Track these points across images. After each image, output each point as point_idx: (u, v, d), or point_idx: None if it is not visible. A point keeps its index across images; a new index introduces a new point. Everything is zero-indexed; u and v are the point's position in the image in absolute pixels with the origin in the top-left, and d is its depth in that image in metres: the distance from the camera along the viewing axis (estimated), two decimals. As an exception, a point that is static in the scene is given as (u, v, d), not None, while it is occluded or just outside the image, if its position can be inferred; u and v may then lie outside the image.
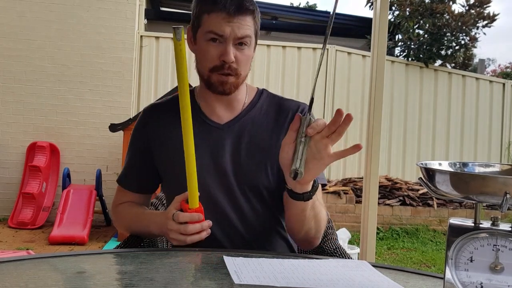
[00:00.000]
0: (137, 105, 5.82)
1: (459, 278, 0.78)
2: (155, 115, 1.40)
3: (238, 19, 1.25)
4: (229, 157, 1.32)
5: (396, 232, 5.58)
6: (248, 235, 1.32)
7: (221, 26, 1.24)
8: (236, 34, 1.25)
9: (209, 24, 1.26)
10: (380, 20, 2.69)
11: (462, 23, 6.64)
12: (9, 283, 0.86)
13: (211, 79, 1.29)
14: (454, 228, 0.80)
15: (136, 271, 0.96)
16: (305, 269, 1.00)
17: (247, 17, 1.26)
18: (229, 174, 1.31)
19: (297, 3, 17.83)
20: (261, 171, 1.32)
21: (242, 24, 1.25)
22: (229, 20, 1.24)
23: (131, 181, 1.44)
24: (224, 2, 1.24)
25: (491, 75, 11.56)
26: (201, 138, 1.32)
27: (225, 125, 1.35)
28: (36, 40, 5.58)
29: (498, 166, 0.89)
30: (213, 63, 1.27)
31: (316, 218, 1.24)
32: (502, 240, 0.77)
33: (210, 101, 1.36)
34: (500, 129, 6.84)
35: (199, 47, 1.31)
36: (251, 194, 1.32)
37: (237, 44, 1.26)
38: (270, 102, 1.40)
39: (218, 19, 1.24)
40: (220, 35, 1.25)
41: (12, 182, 5.56)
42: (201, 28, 1.29)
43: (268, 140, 1.34)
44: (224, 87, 1.29)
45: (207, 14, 1.26)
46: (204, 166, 1.31)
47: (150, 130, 1.39)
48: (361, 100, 6.30)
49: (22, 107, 5.58)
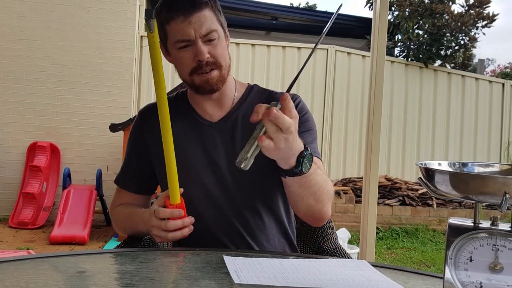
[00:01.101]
0: (137, 105, 5.82)
1: (459, 278, 0.78)
2: (151, 116, 1.40)
3: (196, 17, 1.24)
4: (224, 155, 1.32)
5: (395, 232, 5.58)
6: (245, 231, 1.31)
7: (183, 31, 1.24)
8: (200, 32, 1.24)
9: (173, 33, 1.26)
10: (380, 20, 2.69)
11: (461, 23, 6.64)
12: (9, 283, 0.86)
13: (194, 82, 1.30)
14: (454, 228, 0.80)
15: (136, 271, 0.96)
16: (305, 269, 1.00)
17: (204, 11, 1.25)
18: (224, 172, 1.31)
19: (297, 3, 17.84)
20: (254, 168, 1.30)
21: (202, 20, 1.24)
22: (189, 22, 1.23)
23: (129, 181, 1.44)
24: (177, 6, 1.24)
25: (490, 75, 11.56)
26: (195, 138, 1.33)
27: (217, 123, 1.35)
28: (36, 40, 5.58)
29: (498, 166, 0.90)
30: (190, 66, 1.27)
31: (316, 195, 1.17)
32: (502, 240, 0.77)
33: (200, 102, 1.37)
34: (500, 129, 6.84)
35: (173, 58, 1.31)
36: (247, 190, 1.31)
37: (206, 40, 1.26)
38: (260, 96, 1.39)
39: (178, 25, 1.24)
40: (187, 40, 1.24)
41: (12, 182, 5.56)
42: (168, 40, 1.29)
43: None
44: (211, 84, 1.29)
45: (168, 24, 1.26)
46: (199, 164, 1.31)
47: (146, 130, 1.40)
48: (361, 100, 6.30)
49: (22, 107, 5.58)
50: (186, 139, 1.35)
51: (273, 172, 1.29)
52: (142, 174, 1.42)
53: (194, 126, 1.35)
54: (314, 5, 18.30)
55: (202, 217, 1.29)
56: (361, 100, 6.30)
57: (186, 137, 1.35)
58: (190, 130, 1.35)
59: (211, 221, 1.31)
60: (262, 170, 1.29)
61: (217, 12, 1.29)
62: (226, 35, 1.33)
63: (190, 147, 1.33)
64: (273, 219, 1.36)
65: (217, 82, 1.29)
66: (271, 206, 1.34)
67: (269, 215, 1.35)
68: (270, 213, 1.35)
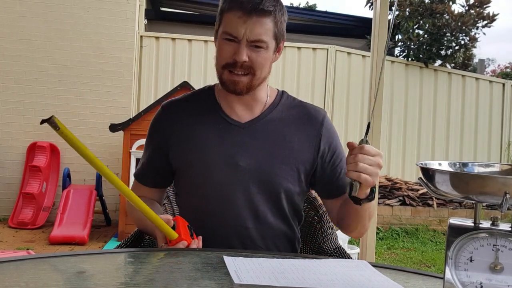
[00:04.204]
0: (137, 105, 5.82)
1: (459, 278, 0.78)
2: (173, 111, 1.39)
3: (253, 21, 1.22)
4: (248, 157, 1.31)
5: (396, 232, 5.58)
6: (258, 235, 1.31)
7: (235, 27, 1.23)
8: (248, 37, 1.23)
9: (226, 23, 1.26)
10: (380, 20, 2.69)
11: (462, 23, 6.63)
12: (9, 283, 0.86)
13: (223, 76, 1.29)
14: (454, 228, 0.80)
15: (136, 271, 0.96)
16: (305, 269, 1.00)
17: (265, 19, 1.23)
18: (248, 174, 1.30)
19: (297, 3, 17.84)
20: (281, 172, 1.32)
21: (257, 26, 1.23)
22: (244, 21, 1.22)
23: (148, 177, 1.43)
24: (242, 1, 1.22)
25: (491, 75, 11.56)
26: (220, 136, 1.32)
27: (246, 124, 1.34)
28: (36, 40, 5.58)
29: (498, 166, 0.89)
30: (226, 60, 1.27)
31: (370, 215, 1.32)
32: (502, 240, 0.77)
33: (229, 100, 1.36)
34: (500, 129, 6.84)
35: (217, 45, 1.31)
36: (268, 195, 1.31)
37: (253, 46, 1.25)
38: (290, 104, 1.40)
39: (234, 18, 1.23)
40: (234, 36, 1.24)
41: (12, 182, 5.56)
42: (221, 27, 1.29)
43: (289, 142, 1.34)
44: (236, 87, 1.28)
45: (226, 12, 1.26)
46: (220, 164, 1.30)
47: (168, 125, 1.38)
48: (361, 100, 6.30)
49: (22, 107, 5.58)
50: (208, 136, 1.33)
51: (294, 180, 1.33)
52: (162, 170, 1.40)
53: (219, 124, 1.33)
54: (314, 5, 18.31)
55: (218, 218, 1.30)
56: (361, 100, 6.30)
57: (208, 134, 1.33)
58: (213, 127, 1.33)
59: (225, 222, 1.31)
60: (285, 177, 1.31)
61: (278, 25, 1.27)
62: (277, 49, 1.32)
63: (212, 145, 1.32)
64: (285, 224, 1.37)
65: (243, 88, 1.29)
66: (286, 211, 1.35)
67: (282, 219, 1.35)
68: (284, 218, 1.36)
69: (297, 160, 1.33)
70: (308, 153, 1.35)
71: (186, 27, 6.73)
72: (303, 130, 1.36)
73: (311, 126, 1.37)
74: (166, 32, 6.12)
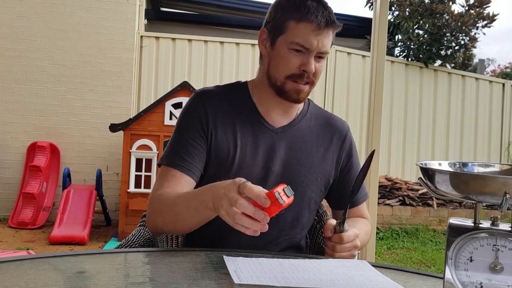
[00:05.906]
0: (137, 105, 5.82)
1: (459, 278, 0.78)
2: (210, 100, 1.33)
3: (325, 34, 1.25)
4: (280, 162, 1.31)
5: (396, 232, 5.58)
6: (272, 239, 1.32)
7: (309, 39, 1.23)
8: (320, 48, 1.25)
9: (297, 34, 1.24)
10: (380, 20, 2.69)
11: (461, 23, 6.64)
12: (9, 283, 0.86)
13: (285, 86, 1.28)
14: (454, 228, 0.80)
15: (136, 271, 0.96)
16: (305, 269, 1.00)
17: (331, 32, 1.27)
18: (277, 180, 1.29)
19: (297, 3, 17.79)
20: (306, 181, 1.34)
21: (327, 39, 1.26)
22: (318, 33, 1.23)
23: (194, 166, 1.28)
24: (316, 13, 1.23)
25: (490, 75, 11.57)
26: (256, 138, 1.32)
27: (279, 129, 1.34)
28: (36, 40, 5.58)
29: (498, 166, 0.90)
30: (292, 71, 1.26)
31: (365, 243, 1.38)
32: (502, 240, 0.77)
33: (268, 103, 1.34)
34: (500, 129, 6.85)
35: (277, 53, 1.28)
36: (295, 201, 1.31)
37: (317, 56, 1.27)
38: (317, 113, 1.43)
39: (307, 30, 1.23)
40: (306, 48, 1.24)
41: (12, 182, 5.56)
42: (284, 35, 1.26)
43: (315, 151, 1.36)
44: (299, 96, 1.29)
45: (295, 23, 1.24)
46: (254, 167, 1.30)
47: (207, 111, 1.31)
48: (361, 100, 6.30)
49: (22, 107, 5.58)
50: (246, 136, 1.31)
51: (317, 189, 1.36)
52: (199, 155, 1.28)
53: (254, 126, 1.32)
54: (314, 5, 18.26)
55: None
56: (361, 100, 6.30)
57: (246, 134, 1.31)
58: (250, 128, 1.32)
59: None
60: (309, 187, 1.34)
61: (334, 37, 1.31)
62: None
63: (250, 146, 1.31)
64: (300, 231, 1.39)
65: (304, 96, 1.31)
66: (304, 219, 1.37)
67: (300, 225, 1.37)
68: (302, 223, 1.37)
69: (321, 170, 1.36)
70: (330, 164, 1.38)
71: (186, 27, 6.73)
72: (328, 141, 1.39)
73: (335, 137, 1.40)
74: (166, 32, 6.12)
